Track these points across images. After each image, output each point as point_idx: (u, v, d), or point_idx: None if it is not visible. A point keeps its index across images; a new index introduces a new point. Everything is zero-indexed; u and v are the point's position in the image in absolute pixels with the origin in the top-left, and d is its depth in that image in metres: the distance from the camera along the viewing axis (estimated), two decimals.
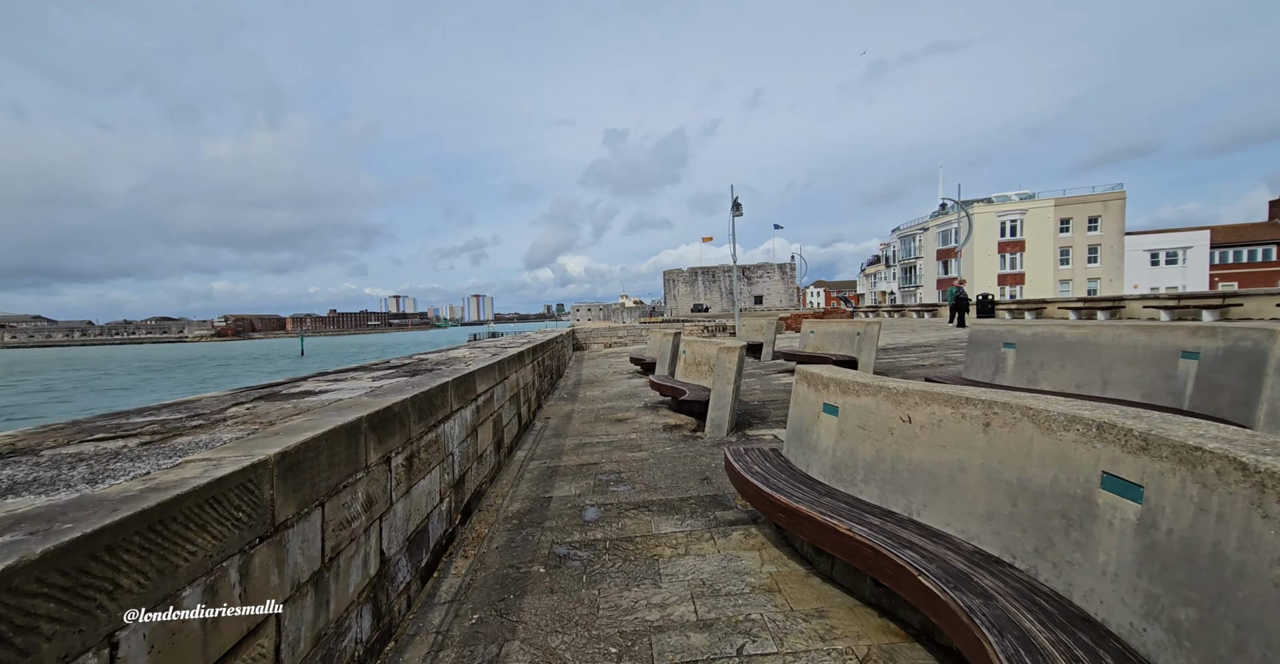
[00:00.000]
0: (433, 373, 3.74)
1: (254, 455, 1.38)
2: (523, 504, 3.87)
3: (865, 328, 7.84)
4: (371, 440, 2.07)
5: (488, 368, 4.51)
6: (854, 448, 2.36)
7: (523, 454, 5.41)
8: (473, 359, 5.17)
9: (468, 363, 4.68)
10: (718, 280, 79.28)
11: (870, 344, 7.69)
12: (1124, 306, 15.04)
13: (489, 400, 4.46)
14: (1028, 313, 18.56)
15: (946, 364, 9.28)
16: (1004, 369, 4.71)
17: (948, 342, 13.12)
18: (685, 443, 5.35)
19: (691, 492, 3.89)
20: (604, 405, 8.03)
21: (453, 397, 3.31)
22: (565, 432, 6.37)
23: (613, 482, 4.25)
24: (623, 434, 6.00)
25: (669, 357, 10.19)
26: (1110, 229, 35.93)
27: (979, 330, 5.19)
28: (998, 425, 1.75)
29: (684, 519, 3.35)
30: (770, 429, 5.61)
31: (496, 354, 5.77)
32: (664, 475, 4.32)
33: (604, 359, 16.31)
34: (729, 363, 5.47)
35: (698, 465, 4.53)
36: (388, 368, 4.28)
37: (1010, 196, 40.82)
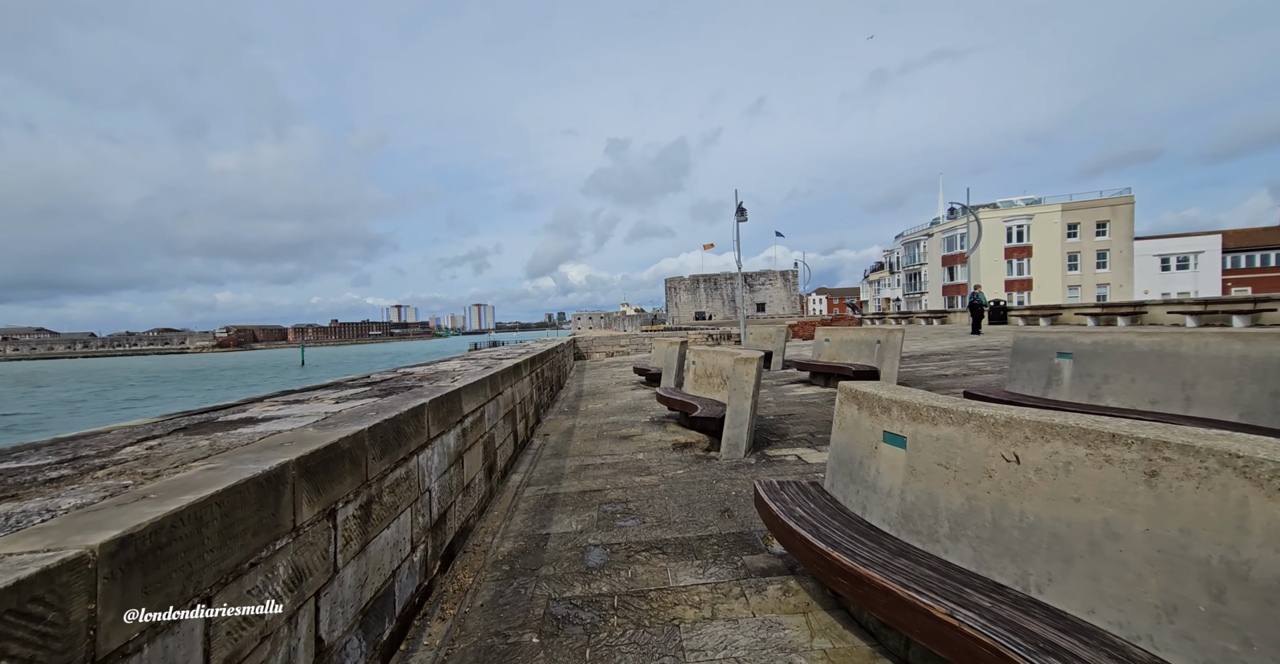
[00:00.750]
0: (411, 392, 3.23)
1: (60, 551, 0.86)
2: (516, 543, 3.33)
3: (887, 335, 7.32)
4: (304, 491, 1.55)
5: (478, 383, 4.00)
6: (933, 492, 1.84)
7: (519, 478, 4.88)
8: (462, 373, 4.66)
9: (455, 377, 4.17)
10: (719, 288, 78.93)
11: (893, 353, 7.16)
12: (1146, 312, 14.49)
13: (478, 421, 3.95)
14: (1042, 319, 18.01)
15: (971, 373, 8.73)
16: (1058, 382, 4.18)
17: (965, 349, 12.57)
18: (699, 465, 4.81)
19: (711, 527, 3.35)
20: (607, 420, 7.50)
21: (431, 421, 2.79)
22: (566, 451, 5.83)
23: (619, 513, 3.71)
24: (628, 454, 5.47)
25: (675, 367, 9.68)
26: (1119, 234, 35.44)
27: (1026, 338, 4.66)
28: (1173, 477, 1.23)
29: (706, 566, 2.81)
30: (791, 448, 5.07)
31: (490, 367, 5.26)
32: (678, 506, 3.78)
33: (606, 369, 15.79)
34: (746, 375, 4.95)
35: (715, 493, 3.99)
36: (361, 385, 3.77)
37: (1016, 202, 40.43)
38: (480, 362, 6.12)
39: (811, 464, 4.48)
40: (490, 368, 5.18)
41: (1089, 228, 36.02)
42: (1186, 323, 12.84)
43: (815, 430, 5.72)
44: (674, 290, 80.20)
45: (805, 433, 5.66)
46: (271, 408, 2.62)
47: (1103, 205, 35.84)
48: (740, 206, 19.69)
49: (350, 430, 1.91)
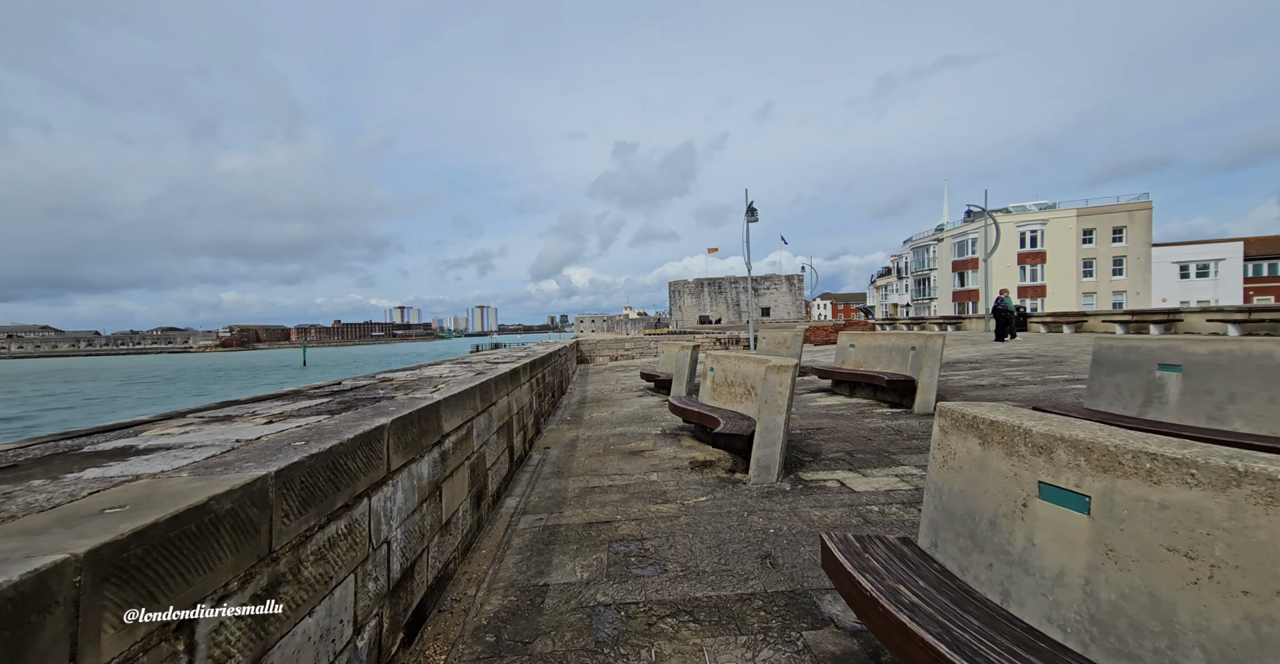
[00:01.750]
0: (375, 406, 2.55)
1: None
2: (505, 599, 2.64)
3: (925, 341, 6.62)
4: (112, 602, 0.88)
5: (465, 393, 3.32)
6: (1161, 595, 1.15)
7: (514, 503, 4.19)
8: (450, 379, 3.99)
9: (439, 386, 3.50)
10: (724, 291, 78.31)
11: (933, 361, 6.46)
12: (1181, 320, 13.72)
13: (464, 440, 3.27)
14: (1066, 326, 17.26)
15: (1011, 383, 8.02)
16: (1162, 399, 3.48)
17: (992, 357, 11.85)
18: (723, 491, 4.11)
19: (753, 581, 2.65)
20: (614, 431, 6.81)
21: (393, 448, 2.12)
22: (568, 468, 5.15)
23: (635, 557, 3.02)
24: (640, 474, 4.78)
25: (686, 373, 8.99)
26: (1136, 240, 34.60)
27: (1113, 347, 3.96)
28: None
29: (754, 645, 2.12)
30: (829, 472, 4.37)
31: (483, 372, 4.59)
32: (705, 547, 3.09)
33: (611, 373, 15.11)
34: (780, 386, 4.26)
35: (749, 530, 3.29)
36: (322, 394, 3.10)
37: (1028, 207, 39.67)
38: (473, 366, 5.44)
39: (859, 493, 3.78)
40: (483, 373, 4.51)
41: (1105, 234, 35.19)
42: (1229, 332, 12.08)
43: (852, 449, 5.02)
44: (678, 294, 79.63)
45: (841, 451, 4.96)
46: (178, 429, 1.95)
47: (1119, 211, 35.02)
48: (750, 206, 19.04)
49: (243, 478, 1.24)
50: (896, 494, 3.68)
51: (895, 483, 3.93)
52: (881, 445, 5.08)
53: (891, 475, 4.12)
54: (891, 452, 4.83)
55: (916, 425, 5.78)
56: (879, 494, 3.72)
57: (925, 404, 6.44)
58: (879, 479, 4.05)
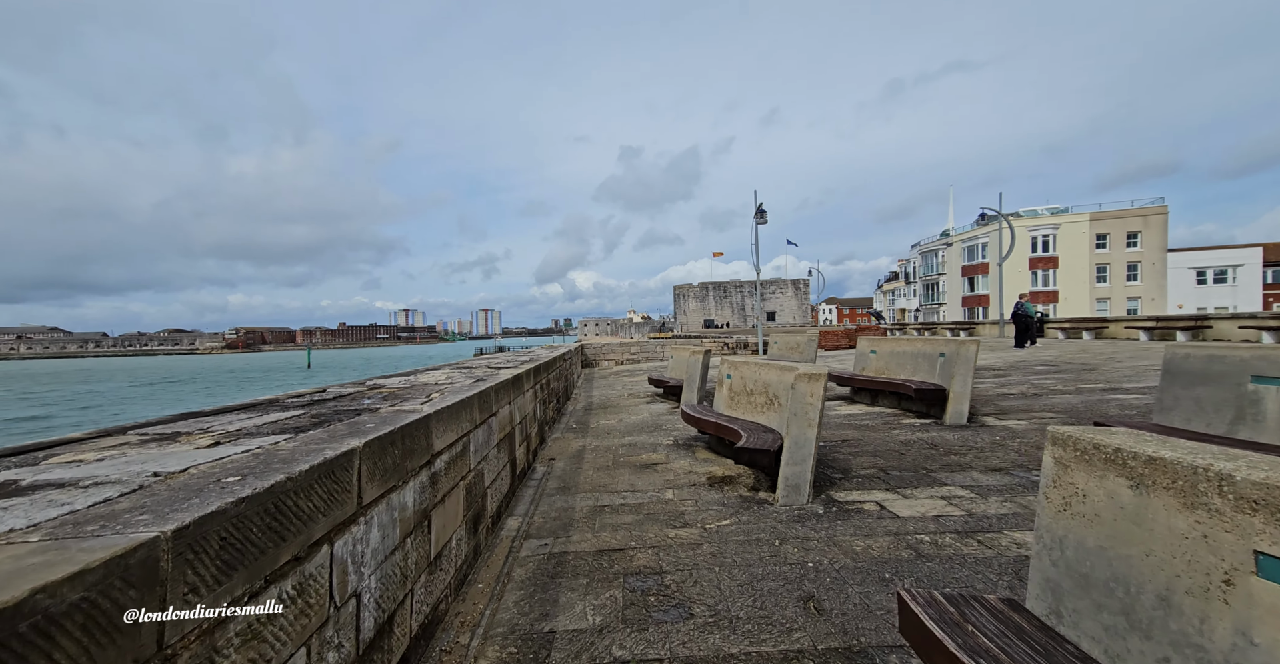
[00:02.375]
0: (350, 422, 2.16)
1: None
2: (504, 651, 2.23)
3: (956, 347, 6.18)
4: None
5: (462, 404, 2.93)
6: None
7: (516, 524, 3.78)
8: (446, 387, 3.59)
9: (433, 395, 3.10)
10: (729, 296, 77.92)
11: (965, 369, 6.02)
12: (1210, 326, 13.20)
13: (459, 457, 2.87)
14: (1085, 332, 16.73)
15: (1044, 393, 7.56)
16: (1258, 416, 3.04)
17: (1015, 364, 11.37)
18: (749, 512, 3.69)
19: (799, 633, 2.23)
20: (623, 441, 6.40)
21: (367, 476, 1.72)
22: (575, 483, 4.74)
23: (654, 595, 2.61)
24: (654, 490, 4.36)
25: (698, 379, 8.57)
26: (1151, 245, 33.95)
27: (1190, 355, 3.52)
28: None
29: None
30: (865, 492, 3.94)
31: (483, 378, 4.20)
32: (736, 585, 2.67)
33: (616, 378, 14.70)
34: (811, 396, 3.85)
35: (784, 563, 2.87)
36: (297, 405, 2.71)
37: (1039, 211, 39.10)
38: (473, 372, 5.05)
39: (903, 518, 3.35)
40: (483, 380, 4.12)
41: (1119, 238, 34.55)
42: (1264, 338, 11.56)
43: (885, 464, 4.59)
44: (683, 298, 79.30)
45: (873, 468, 4.52)
46: (95, 455, 1.56)
47: (1134, 215, 34.39)
48: (760, 208, 18.65)
49: (114, 546, 0.84)
50: (948, 522, 3.24)
51: (943, 507, 3.50)
52: (917, 461, 4.65)
53: (936, 498, 3.68)
54: (930, 469, 4.39)
55: (951, 438, 5.33)
56: (927, 521, 3.29)
57: (958, 415, 6.00)
58: (923, 502, 3.62)
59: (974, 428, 5.74)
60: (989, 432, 5.51)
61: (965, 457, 4.65)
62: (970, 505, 3.48)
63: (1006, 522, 3.17)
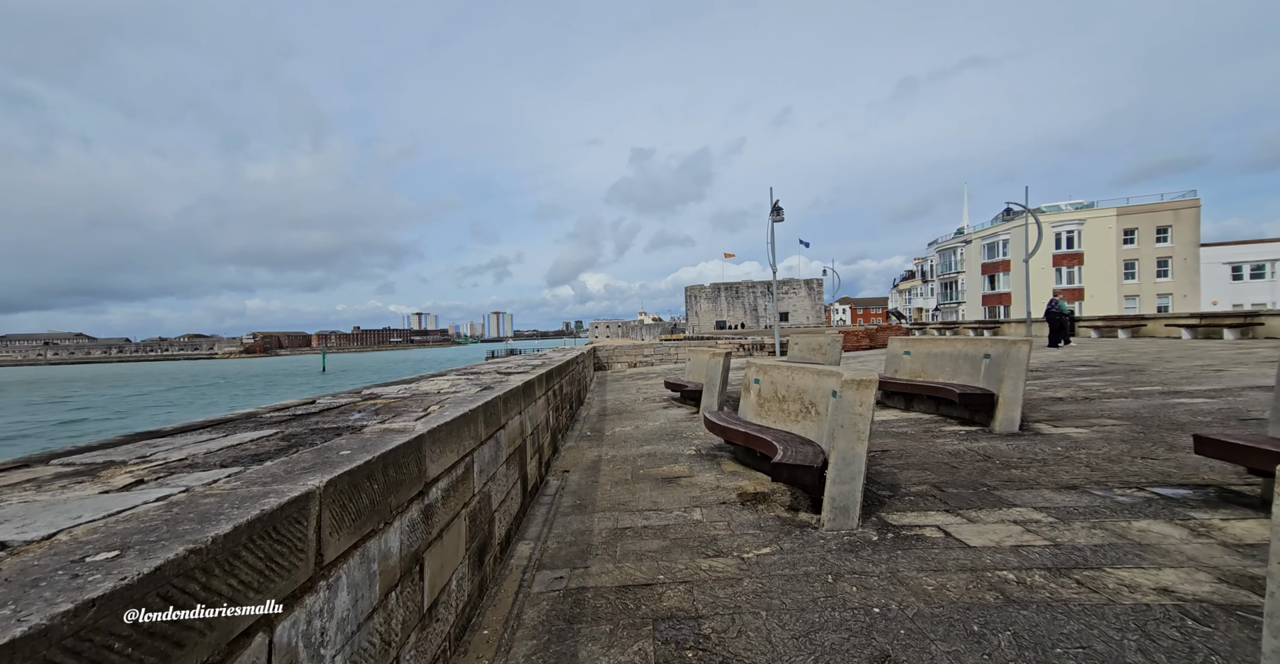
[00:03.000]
0: (323, 448, 1.77)
1: None
2: None
3: (1005, 348, 5.65)
4: None
5: (463, 419, 2.53)
6: None
7: (527, 550, 3.37)
8: (449, 397, 3.20)
9: (430, 407, 2.71)
10: (741, 296, 77.25)
11: (1016, 372, 5.49)
12: (1262, 323, 12.41)
13: (461, 481, 2.46)
14: (1121, 331, 15.94)
15: (1095, 396, 6.98)
16: None
17: (1053, 365, 10.74)
18: (791, 538, 3.24)
19: None
20: (641, 451, 5.97)
21: (330, 525, 1.32)
22: (592, 499, 4.32)
23: (692, 649, 2.18)
24: (679, 509, 3.93)
25: (718, 383, 8.13)
26: (1183, 240, 32.67)
27: None
28: None
29: None
30: (921, 513, 3.47)
31: (491, 386, 3.80)
32: (790, 636, 2.22)
33: (630, 381, 14.28)
34: (859, 406, 3.39)
35: (843, 605, 2.42)
36: (272, 421, 2.33)
37: (1062, 206, 37.95)
38: (480, 378, 4.66)
39: (976, 549, 2.88)
40: (491, 388, 3.72)
41: (1148, 233, 33.30)
42: None
43: (938, 480, 4.11)
44: (694, 299, 78.80)
45: (925, 484, 4.05)
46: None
47: (1164, 209, 33.12)
48: (776, 205, 18.14)
49: None
50: (1032, 554, 2.76)
51: (1019, 534, 3.02)
52: (973, 476, 4.16)
53: (1009, 522, 3.20)
54: (990, 485, 3.90)
55: (1006, 449, 4.83)
56: (1005, 552, 2.81)
57: (1008, 422, 5.48)
58: (994, 527, 3.14)
59: (1028, 437, 5.22)
60: (1046, 441, 4.99)
61: (1028, 471, 4.15)
62: (1053, 532, 2.99)
63: (1105, 555, 2.69)
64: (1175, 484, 3.58)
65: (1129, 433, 5.01)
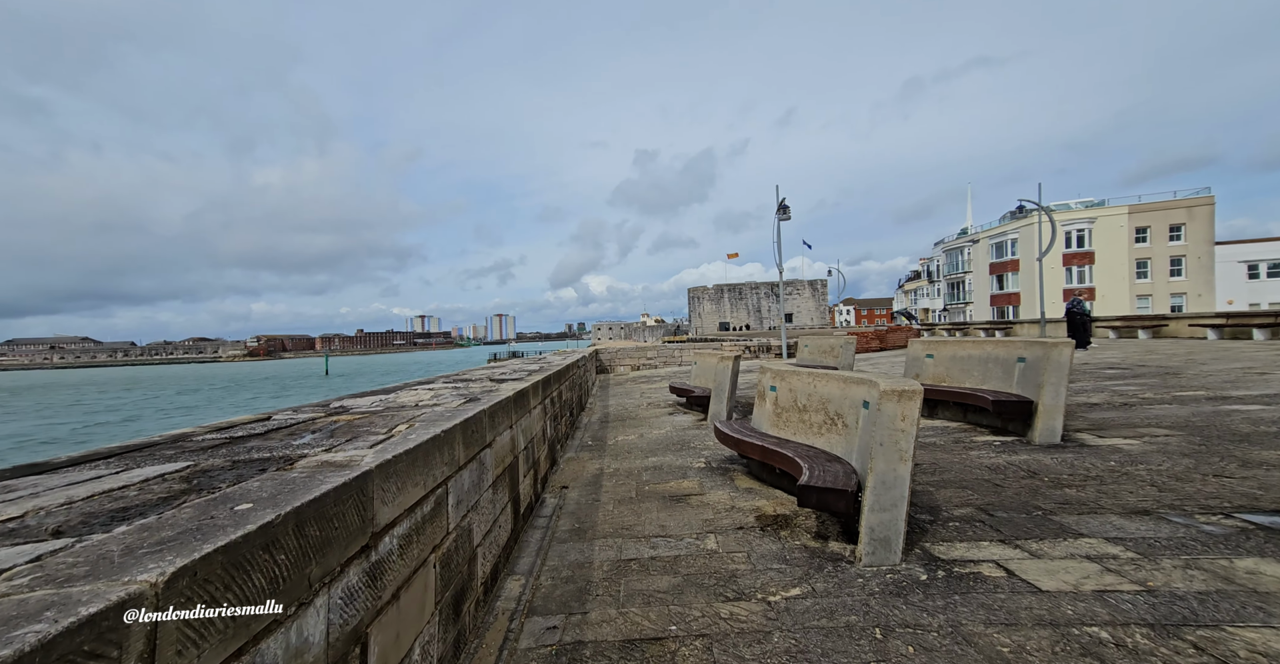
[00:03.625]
0: (227, 494, 1.32)
1: None
2: None
3: (1045, 351, 5.17)
4: None
5: (433, 443, 2.08)
6: None
7: (516, 590, 2.92)
8: (427, 410, 2.76)
9: (398, 427, 2.27)
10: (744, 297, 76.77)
11: (1058, 377, 5.01)
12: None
13: (429, 520, 2.01)
14: (1141, 331, 15.39)
15: (1134, 403, 6.48)
16: None
17: (1080, 368, 10.22)
18: (824, 576, 2.77)
19: None
20: (646, 463, 5.52)
21: (176, 644, 0.86)
22: (592, 522, 3.87)
23: None
24: (691, 535, 3.47)
25: (727, 388, 7.66)
26: (1197, 238, 32.00)
27: None
28: None
29: None
30: (973, 544, 3.00)
31: (477, 397, 3.36)
32: None
33: (634, 385, 13.82)
34: (900, 419, 2.92)
35: None
36: (194, 448, 1.88)
37: (1071, 205, 37.32)
38: (469, 386, 4.21)
39: (1049, 593, 2.41)
40: (477, 399, 3.28)
41: (1161, 232, 32.64)
42: None
43: (983, 501, 3.64)
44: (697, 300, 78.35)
45: (967, 505, 3.57)
46: None
47: (1177, 207, 32.45)
48: (782, 204, 17.68)
49: None
50: (1122, 603, 2.29)
51: (1099, 575, 2.54)
52: (1022, 496, 3.68)
53: (1081, 558, 2.72)
54: (1046, 509, 3.42)
55: (1052, 464, 4.35)
56: (1087, 599, 2.34)
57: (1049, 432, 5.00)
58: (1064, 564, 2.67)
59: (1073, 449, 4.74)
60: (1095, 455, 4.51)
61: (1085, 491, 3.67)
62: (1139, 573, 2.52)
63: (1217, 607, 2.21)
64: (1270, 511, 3.09)
65: (1188, 445, 4.52)
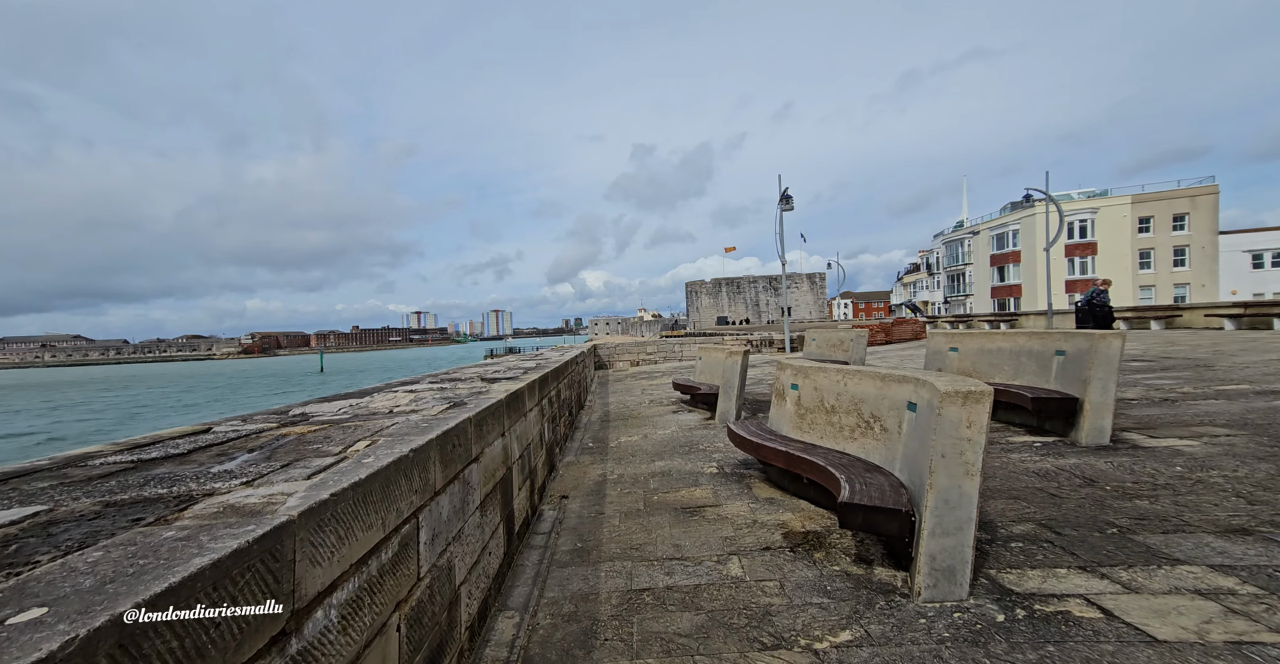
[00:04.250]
0: (68, 564, 0.82)
1: None
2: None
3: (1090, 343, 4.71)
4: None
5: (397, 467, 1.61)
6: None
7: (509, 632, 2.44)
8: (402, 418, 2.28)
9: (359, 441, 1.79)
10: (743, 291, 76.37)
11: (1107, 372, 4.55)
12: None
13: (389, 569, 1.53)
14: (1154, 322, 15.02)
15: (1176, 398, 6.04)
16: None
17: None
18: (877, 615, 2.31)
19: None
20: (653, 468, 5.06)
21: None
22: (596, 540, 3.41)
23: None
24: (711, 558, 3.01)
25: (736, 385, 7.20)
26: (1201, 228, 31.64)
27: None
28: None
29: None
30: (1049, 574, 2.54)
31: (463, 402, 2.88)
32: None
33: (634, 381, 13.36)
34: (966, 426, 2.45)
35: None
36: (82, 477, 1.39)
37: (1073, 195, 36.90)
38: (456, 387, 3.72)
39: (1171, 645, 1.94)
40: (463, 403, 2.81)
41: (1164, 221, 32.27)
42: None
43: (1045, 516, 3.18)
44: (695, 295, 77.94)
45: (1026, 520, 3.12)
46: None
47: (1180, 196, 32.06)
48: (785, 193, 17.18)
49: None
50: (1270, 662, 1.83)
51: (1222, 617, 2.08)
52: (1087, 509, 3.23)
53: (1190, 592, 2.27)
54: (1120, 526, 2.97)
55: (1109, 470, 3.90)
56: (1221, 653, 1.88)
57: (1097, 432, 4.56)
58: (1171, 601, 2.21)
59: (1126, 451, 4.30)
60: (1155, 458, 4.06)
61: (1159, 503, 3.22)
62: (1275, 616, 2.06)
63: None
64: None
65: (1258, 447, 4.08)
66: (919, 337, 20.12)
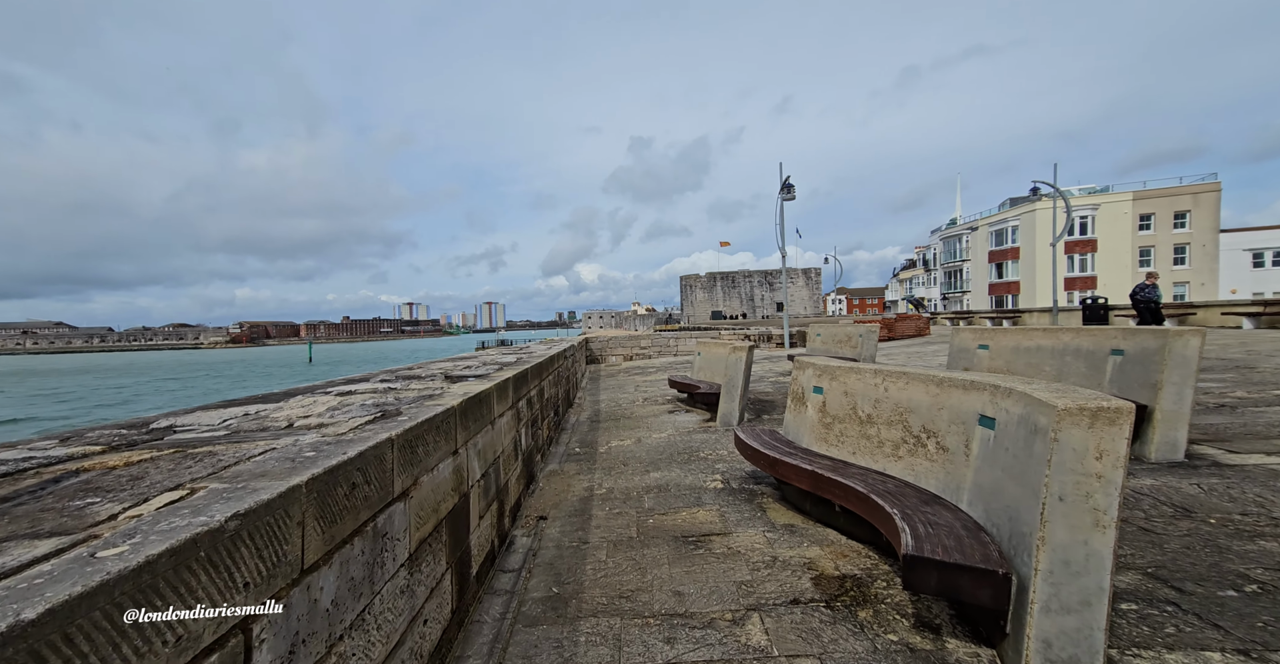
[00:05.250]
0: None
1: None
2: None
3: (1162, 340, 4.04)
4: None
5: (207, 542, 0.84)
6: None
7: None
8: (280, 446, 1.53)
9: (162, 495, 1.03)
10: (738, 286, 75.83)
11: (1183, 376, 3.88)
12: None
13: None
14: (1167, 321, 14.51)
15: (1239, 404, 5.40)
16: None
17: None
18: None
19: None
20: (648, 480, 4.35)
21: None
22: (577, 587, 2.68)
23: None
24: (727, 617, 2.30)
25: (740, 384, 6.50)
26: (1202, 226, 31.27)
27: None
28: None
29: None
30: (1194, 658, 1.85)
31: (399, 412, 2.13)
32: None
33: (627, 377, 12.64)
34: (1091, 457, 1.76)
35: None
36: None
37: (1073, 192, 36.42)
38: (408, 386, 2.96)
39: None
40: (398, 414, 2.07)
41: (1165, 219, 31.87)
42: None
43: (1150, 562, 2.50)
44: (689, 289, 77.29)
45: (1126, 567, 2.43)
46: None
47: (1182, 193, 31.63)
48: (786, 182, 16.44)
49: None
50: None
51: None
52: (1198, 551, 2.55)
53: None
54: (1262, 580, 2.28)
55: (1199, 494, 3.22)
56: None
57: (1170, 446, 3.89)
58: None
59: (1208, 470, 3.63)
60: (1250, 480, 3.40)
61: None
62: None
63: None
64: None
65: None
66: (922, 333, 19.56)
